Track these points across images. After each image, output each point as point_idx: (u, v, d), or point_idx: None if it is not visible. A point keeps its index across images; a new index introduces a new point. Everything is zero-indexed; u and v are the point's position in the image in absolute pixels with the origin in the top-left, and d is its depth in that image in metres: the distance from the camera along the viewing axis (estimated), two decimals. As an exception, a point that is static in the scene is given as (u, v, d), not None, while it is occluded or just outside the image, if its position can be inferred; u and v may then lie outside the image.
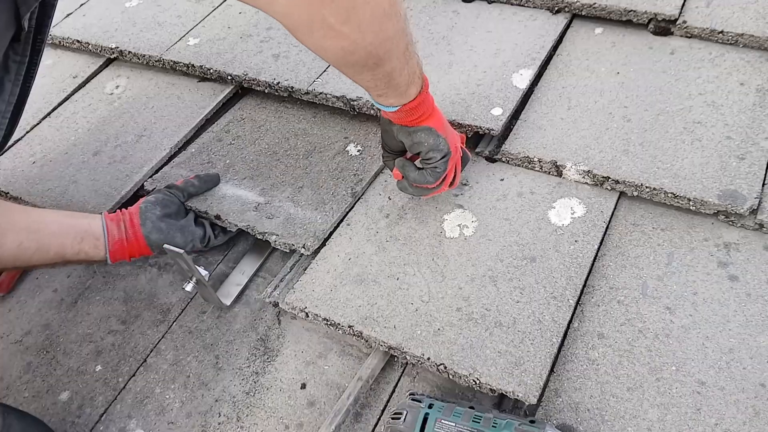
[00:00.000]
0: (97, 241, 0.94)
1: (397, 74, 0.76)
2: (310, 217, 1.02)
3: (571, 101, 1.08)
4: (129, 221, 0.97)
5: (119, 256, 0.96)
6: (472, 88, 1.12)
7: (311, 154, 1.13)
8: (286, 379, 0.91)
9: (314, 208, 1.03)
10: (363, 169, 1.08)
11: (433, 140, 0.86)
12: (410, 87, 0.79)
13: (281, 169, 1.12)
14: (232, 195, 1.08)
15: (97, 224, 0.95)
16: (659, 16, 1.13)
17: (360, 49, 0.69)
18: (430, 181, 0.90)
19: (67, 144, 1.25)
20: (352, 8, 0.63)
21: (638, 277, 0.88)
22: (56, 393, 0.96)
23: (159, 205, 0.99)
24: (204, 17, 1.44)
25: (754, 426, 0.73)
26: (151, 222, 0.97)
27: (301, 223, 1.01)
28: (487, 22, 1.25)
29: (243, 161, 1.15)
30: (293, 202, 1.05)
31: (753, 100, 1.00)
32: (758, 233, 0.89)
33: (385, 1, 0.67)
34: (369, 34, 0.67)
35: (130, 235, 0.96)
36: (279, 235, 1.00)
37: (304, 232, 1.00)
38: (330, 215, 1.02)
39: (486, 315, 0.85)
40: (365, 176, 1.07)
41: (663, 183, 0.92)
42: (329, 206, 1.03)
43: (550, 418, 0.78)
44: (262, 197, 1.07)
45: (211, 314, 1.02)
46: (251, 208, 1.05)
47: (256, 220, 1.03)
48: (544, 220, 0.95)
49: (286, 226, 1.01)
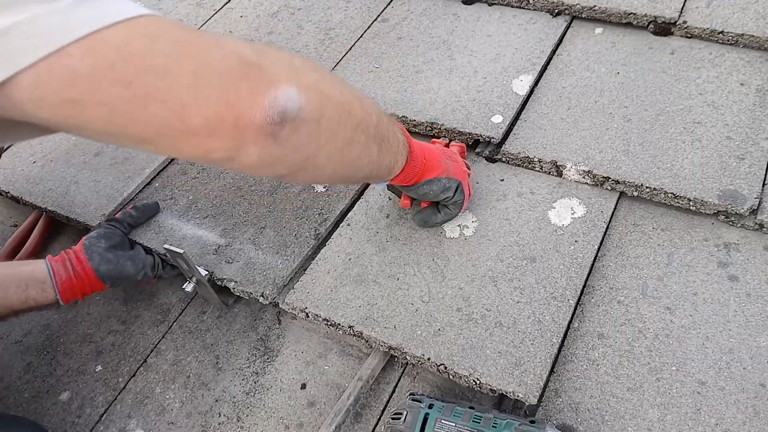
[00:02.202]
0: (43, 284, 0.90)
1: (375, 172, 0.75)
2: (270, 262, 0.97)
3: (571, 101, 1.08)
4: (75, 259, 0.93)
5: (70, 295, 0.92)
6: (472, 94, 1.12)
7: (276, 191, 1.08)
8: (286, 379, 0.91)
9: (275, 252, 0.99)
10: (328, 207, 1.03)
11: (437, 186, 0.86)
12: (394, 167, 0.78)
13: (244, 207, 1.07)
14: (193, 236, 1.04)
15: (41, 268, 0.91)
16: (659, 19, 1.13)
17: (324, 179, 0.68)
18: (456, 212, 0.93)
19: (67, 144, 1.25)
20: (304, 161, 0.61)
21: (638, 278, 0.88)
22: (56, 393, 0.96)
23: (103, 239, 0.97)
24: (205, 21, 1.44)
25: (754, 426, 0.73)
26: (98, 254, 0.93)
27: (261, 269, 0.97)
28: (488, 25, 1.25)
29: (206, 197, 1.10)
30: (254, 244, 1.00)
31: (753, 101, 1.00)
32: (758, 233, 0.89)
33: (345, 130, 0.64)
34: (329, 169, 0.66)
35: (78, 271, 0.92)
36: (237, 282, 0.95)
37: (263, 279, 0.95)
38: (291, 260, 0.97)
39: (486, 315, 0.85)
40: (330, 216, 1.02)
41: (663, 183, 0.92)
42: (291, 250, 0.99)
43: (550, 419, 0.78)
44: (223, 238, 1.02)
45: (211, 314, 1.02)
46: (211, 250, 1.01)
47: (215, 265, 0.98)
48: (545, 220, 0.95)
49: (245, 272, 0.97)
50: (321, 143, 0.61)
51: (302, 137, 0.58)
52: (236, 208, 1.07)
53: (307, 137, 0.59)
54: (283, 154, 0.58)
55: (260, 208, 1.06)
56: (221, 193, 1.10)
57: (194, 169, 1.16)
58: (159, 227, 1.06)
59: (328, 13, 1.38)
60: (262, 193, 1.09)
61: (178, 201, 1.10)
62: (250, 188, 1.10)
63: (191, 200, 1.10)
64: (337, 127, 0.63)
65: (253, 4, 1.46)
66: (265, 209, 1.06)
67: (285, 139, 0.56)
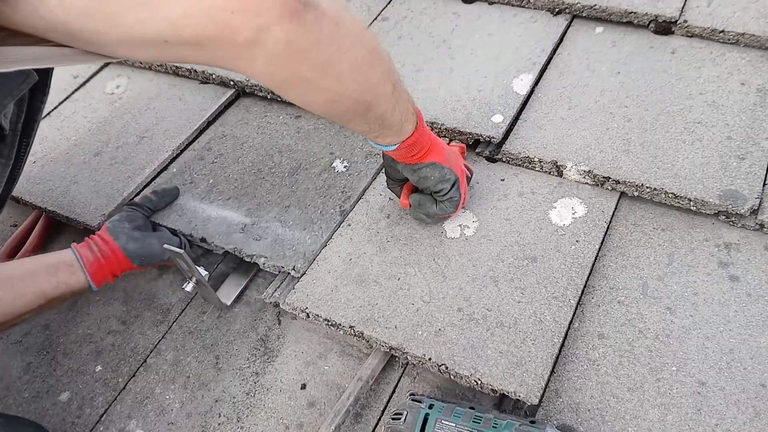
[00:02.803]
0: (71, 267, 0.91)
1: (389, 115, 0.75)
2: (298, 237, 0.99)
3: (571, 101, 1.08)
4: (101, 241, 0.95)
5: (100, 277, 0.93)
6: (473, 94, 1.12)
7: (297, 172, 1.10)
8: (286, 379, 0.91)
9: (302, 228, 1.00)
10: (350, 186, 1.06)
11: (439, 173, 0.86)
12: (405, 124, 0.79)
13: (267, 188, 1.09)
14: (217, 216, 1.05)
15: (67, 253, 0.93)
16: (660, 18, 1.13)
17: (345, 99, 0.68)
18: (451, 210, 0.92)
19: (68, 144, 1.25)
20: (328, 63, 0.63)
21: (639, 278, 0.88)
22: (56, 393, 0.96)
23: (126, 221, 0.98)
24: (205, 18, 1.44)
25: (755, 426, 0.73)
26: (124, 234, 0.95)
27: (290, 244, 0.98)
28: (488, 24, 1.25)
29: (227, 180, 1.12)
30: (281, 222, 1.02)
31: (754, 100, 1.00)
32: (759, 233, 0.89)
33: (363, 49, 0.66)
34: (351, 84, 0.67)
35: (105, 251, 0.94)
36: (267, 257, 0.97)
37: (294, 254, 0.97)
38: (319, 235, 0.99)
39: (487, 315, 0.85)
40: (353, 193, 1.04)
41: (664, 183, 0.92)
42: (318, 225, 1.00)
43: (550, 419, 0.78)
44: (248, 218, 1.04)
45: (211, 314, 1.01)
46: (237, 229, 1.02)
47: (243, 242, 1.00)
48: (545, 220, 0.95)
49: (275, 247, 0.98)
50: (342, 49, 0.63)
51: (324, 30, 0.59)
52: (258, 189, 1.09)
53: (329, 34, 0.60)
54: (308, 44, 0.59)
55: (282, 188, 1.09)
56: (241, 176, 1.13)
57: (211, 155, 1.18)
58: (181, 210, 1.08)
59: (328, 12, 1.37)
60: (282, 174, 1.11)
61: (198, 185, 1.13)
62: (270, 171, 1.12)
63: (211, 183, 1.12)
64: (354, 41, 0.64)
65: (252, 3, 1.45)
66: (287, 189, 1.08)
67: (309, 24, 0.57)
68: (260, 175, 1.12)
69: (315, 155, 1.13)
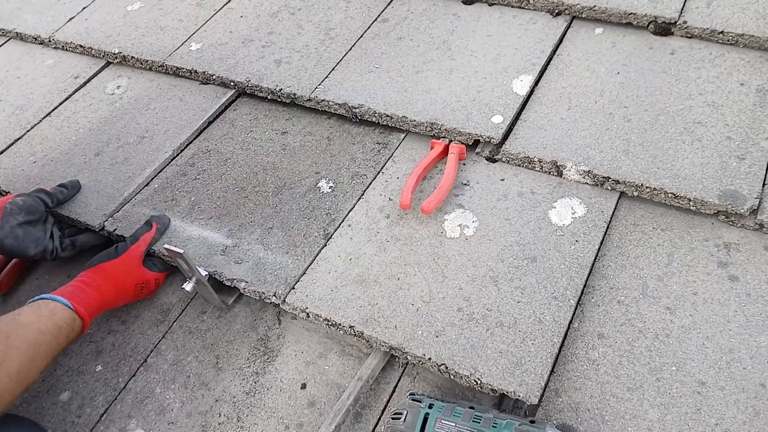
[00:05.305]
0: None
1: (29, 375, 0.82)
2: (281, 261, 0.97)
3: (571, 101, 1.08)
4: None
5: None
6: (472, 94, 1.12)
7: (281, 191, 1.07)
8: (286, 379, 0.91)
9: (285, 252, 0.98)
10: (335, 207, 1.03)
11: None
12: (66, 334, 0.87)
13: (249, 208, 1.06)
14: (198, 237, 1.03)
15: None
16: (659, 19, 1.13)
17: None
18: None
19: (68, 144, 1.25)
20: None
21: (638, 277, 0.88)
22: (56, 393, 0.96)
23: (24, 211, 0.99)
24: (206, 21, 1.44)
25: (754, 426, 0.73)
26: (9, 226, 0.97)
27: (271, 269, 0.96)
28: (488, 25, 1.25)
29: (209, 198, 1.09)
30: (263, 244, 1.00)
31: (753, 101, 1.00)
32: (758, 233, 0.89)
33: None
34: None
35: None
36: (248, 282, 0.95)
37: (275, 279, 0.95)
38: (302, 260, 0.97)
39: (487, 315, 0.85)
40: (338, 216, 1.02)
41: (663, 183, 0.92)
42: (300, 249, 0.98)
43: (550, 418, 0.78)
44: (230, 239, 1.01)
45: (211, 314, 1.02)
46: (218, 251, 1.00)
47: (224, 265, 0.98)
48: (545, 220, 0.95)
49: (256, 271, 0.96)
50: None
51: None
52: (241, 209, 1.06)
53: None
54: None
55: (266, 208, 1.06)
56: (224, 194, 1.10)
57: (194, 170, 1.16)
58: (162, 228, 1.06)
59: (329, 13, 1.38)
60: (266, 193, 1.08)
61: (180, 202, 1.10)
62: (254, 189, 1.09)
63: (193, 201, 1.09)
64: None
65: (253, 4, 1.46)
66: (271, 209, 1.05)
67: None
68: (243, 194, 1.09)
69: (300, 174, 1.10)
